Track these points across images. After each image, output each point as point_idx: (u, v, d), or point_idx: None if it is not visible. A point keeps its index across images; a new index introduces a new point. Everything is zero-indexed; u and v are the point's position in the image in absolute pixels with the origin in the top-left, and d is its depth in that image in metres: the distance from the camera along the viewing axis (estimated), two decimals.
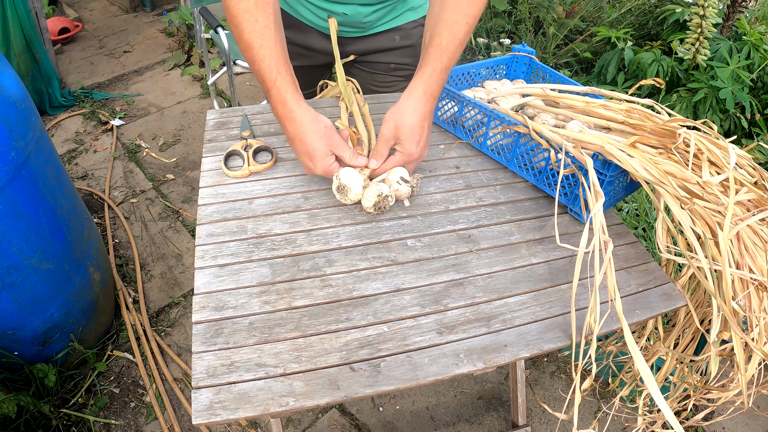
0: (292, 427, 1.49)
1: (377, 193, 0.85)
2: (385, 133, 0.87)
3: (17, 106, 1.18)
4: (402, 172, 0.89)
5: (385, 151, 0.89)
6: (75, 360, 1.55)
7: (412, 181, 0.90)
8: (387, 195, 0.86)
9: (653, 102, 0.92)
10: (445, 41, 0.86)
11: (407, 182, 0.88)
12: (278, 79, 0.84)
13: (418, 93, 0.86)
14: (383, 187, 0.86)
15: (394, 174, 0.89)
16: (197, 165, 2.40)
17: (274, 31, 0.84)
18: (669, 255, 0.77)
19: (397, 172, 0.89)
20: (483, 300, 0.77)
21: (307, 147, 0.85)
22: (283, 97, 0.84)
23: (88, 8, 3.79)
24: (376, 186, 0.86)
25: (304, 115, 0.84)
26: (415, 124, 0.86)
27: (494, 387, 1.61)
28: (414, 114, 0.86)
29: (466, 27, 0.87)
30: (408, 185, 0.89)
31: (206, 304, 0.73)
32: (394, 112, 0.87)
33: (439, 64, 0.87)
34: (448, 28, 0.86)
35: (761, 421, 1.54)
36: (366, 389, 0.65)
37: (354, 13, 1.12)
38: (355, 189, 0.86)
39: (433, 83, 0.87)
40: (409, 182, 0.89)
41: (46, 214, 1.30)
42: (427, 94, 0.86)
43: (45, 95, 2.63)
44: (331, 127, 0.88)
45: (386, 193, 0.86)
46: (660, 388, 0.66)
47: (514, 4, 2.72)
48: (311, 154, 0.85)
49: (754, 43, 2.14)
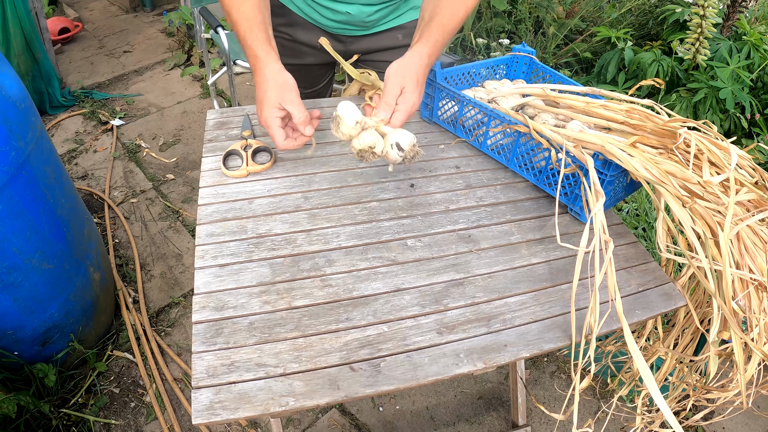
0: (292, 427, 1.49)
1: (370, 143, 0.84)
2: (393, 81, 0.88)
3: (17, 106, 1.18)
4: (402, 139, 0.86)
5: (393, 101, 0.88)
6: (75, 360, 1.55)
7: (407, 152, 0.86)
8: (375, 151, 0.84)
9: (653, 102, 0.92)
10: (446, 20, 0.95)
11: (402, 151, 0.85)
12: (250, 35, 0.91)
13: (422, 51, 0.92)
14: (379, 142, 0.84)
15: (394, 135, 0.86)
16: (197, 165, 2.40)
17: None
18: (669, 255, 0.77)
19: (397, 137, 0.86)
20: (483, 300, 0.77)
21: (260, 95, 0.90)
22: (254, 50, 0.91)
23: (88, 8, 3.79)
24: (374, 137, 0.84)
25: (268, 67, 0.90)
26: (419, 74, 0.90)
27: (494, 387, 1.61)
28: (417, 67, 0.90)
29: (464, 12, 0.96)
30: (401, 154, 0.86)
31: (206, 304, 0.73)
32: (400, 63, 0.90)
33: (440, 37, 0.94)
34: (450, 10, 0.95)
35: (761, 421, 1.54)
36: (366, 389, 0.65)
37: (357, 12, 1.13)
38: (348, 122, 0.84)
39: (433, 53, 0.93)
40: (404, 152, 0.86)
41: (46, 213, 1.30)
42: (429, 57, 0.92)
43: (45, 95, 2.63)
44: (293, 86, 0.90)
45: (377, 149, 0.84)
46: (659, 388, 0.66)
47: (514, 4, 2.72)
48: (261, 101, 0.89)
49: (754, 43, 2.14)
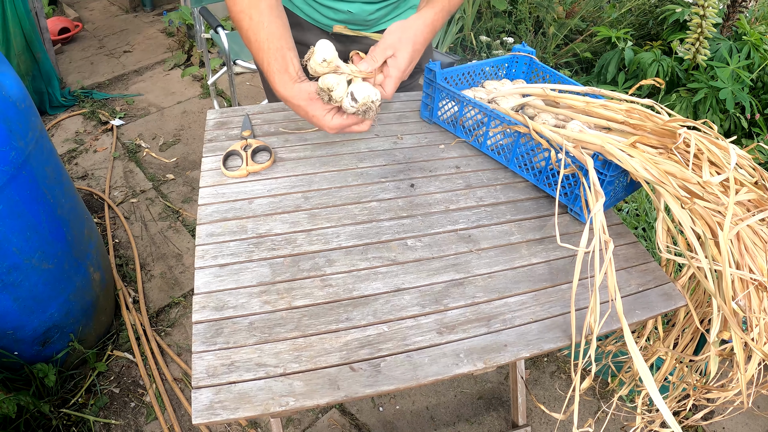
0: (292, 427, 1.49)
1: (330, 85, 0.82)
2: (388, 39, 0.87)
3: (17, 106, 1.18)
4: (359, 90, 0.83)
5: (380, 57, 0.87)
6: (75, 360, 1.55)
7: (359, 105, 0.83)
8: (333, 95, 0.83)
9: (653, 102, 0.92)
10: None
11: (356, 102, 0.83)
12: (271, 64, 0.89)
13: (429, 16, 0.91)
14: (340, 88, 0.82)
15: (354, 86, 0.84)
16: (197, 165, 2.40)
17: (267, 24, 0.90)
18: (669, 255, 0.77)
19: (356, 87, 0.83)
20: (483, 300, 0.77)
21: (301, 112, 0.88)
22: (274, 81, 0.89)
23: (88, 8, 3.79)
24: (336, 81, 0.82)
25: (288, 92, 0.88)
26: (417, 41, 0.88)
27: (494, 387, 1.61)
28: (418, 34, 0.89)
29: None
30: (354, 105, 0.83)
31: (206, 304, 0.73)
32: (400, 26, 0.89)
33: (448, 4, 0.94)
34: None
35: (761, 421, 1.54)
36: (366, 389, 0.65)
37: (358, 11, 1.13)
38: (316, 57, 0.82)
39: (438, 18, 0.92)
40: (357, 104, 0.83)
41: (46, 213, 1.30)
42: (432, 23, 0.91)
43: (45, 95, 2.63)
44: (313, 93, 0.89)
45: (334, 94, 0.82)
46: (659, 388, 0.66)
47: (514, 4, 2.72)
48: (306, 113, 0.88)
49: (754, 43, 2.14)
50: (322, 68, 0.82)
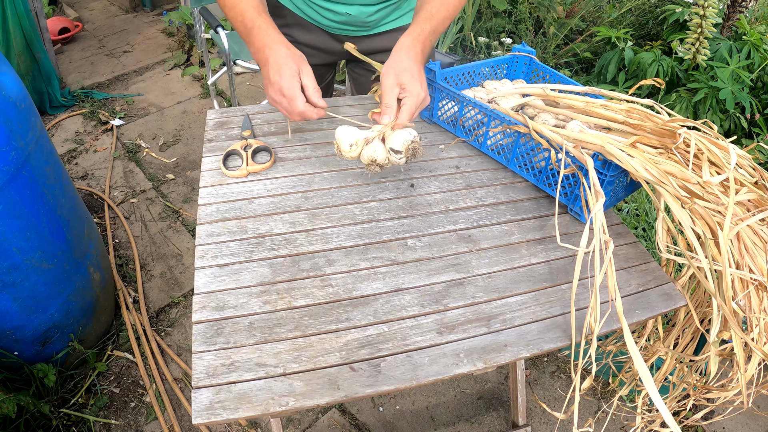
0: (292, 427, 1.49)
1: (371, 157, 0.85)
2: (387, 83, 0.87)
3: (17, 106, 1.18)
4: (395, 142, 0.86)
5: (392, 101, 0.87)
6: (75, 360, 1.55)
7: (404, 153, 0.86)
8: (378, 162, 0.85)
9: (653, 102, 0.92)
10: (435, 9, 0.95)
11: (399, 153, 0.86)
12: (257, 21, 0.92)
13: (408, 43, 0.91)
14: (378, 152, 0.85)
15: (389, 141, 0.86)
16: (197, 165, 2.40)
17: None
18: (669, 255, 0.77)
19: (391, 142, 0.86)
20: (483, 300, 0.77)
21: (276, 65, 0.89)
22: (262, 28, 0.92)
23: (88, 8, 3.80)
24: (371, 150, 0.85)
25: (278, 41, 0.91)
26: (413, 66, 0.88)
27: (494, 387, 1.61)
28: (408, 59, 0.89)
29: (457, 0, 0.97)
30: (400, 157, 0.86)
31: (206, 304, 0.73)
32: (390, 64, 0.89)
33: (428, 26, 0.94)
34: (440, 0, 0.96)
35: (761, 421, 1.54)
36: (366, 389, 0.65)
37: (357, 13, 1.13)
38: (344, 146, 0.86)
39: (422, 40, 0.92)
40: (401, 153, 0.86)
41: (46, 213, 1.30)
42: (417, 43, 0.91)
43: (45, 95, 2.63)
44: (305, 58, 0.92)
45: (379, 160, 0.85)
46: (659, 388, 0.66)
47: (514, 4, 2.72)
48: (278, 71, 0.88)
49: (754, 43, 2.14)
50: (356, 149, 0.86)
